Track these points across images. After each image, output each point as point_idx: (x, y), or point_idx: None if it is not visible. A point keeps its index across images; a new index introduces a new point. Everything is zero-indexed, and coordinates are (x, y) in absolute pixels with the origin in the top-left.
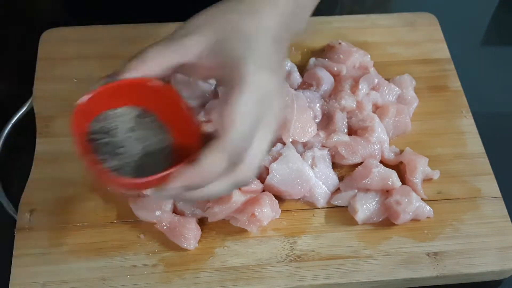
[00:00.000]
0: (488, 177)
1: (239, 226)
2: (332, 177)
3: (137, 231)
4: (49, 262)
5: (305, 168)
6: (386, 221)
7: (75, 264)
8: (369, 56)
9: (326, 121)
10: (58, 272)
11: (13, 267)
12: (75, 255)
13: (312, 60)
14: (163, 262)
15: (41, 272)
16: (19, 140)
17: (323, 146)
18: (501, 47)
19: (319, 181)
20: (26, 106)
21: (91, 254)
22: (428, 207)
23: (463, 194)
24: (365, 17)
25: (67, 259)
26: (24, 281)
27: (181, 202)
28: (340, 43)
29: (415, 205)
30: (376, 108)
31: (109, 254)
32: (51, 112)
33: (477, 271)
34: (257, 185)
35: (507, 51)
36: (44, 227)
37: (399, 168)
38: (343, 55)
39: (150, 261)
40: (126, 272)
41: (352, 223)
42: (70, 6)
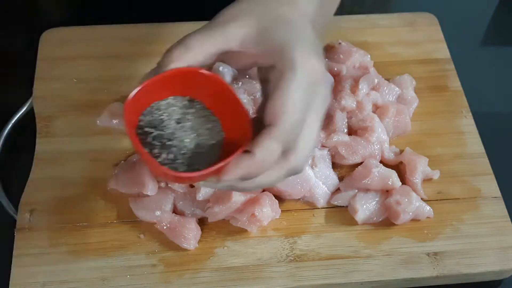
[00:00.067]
0: (488, 177)
1: (239, 226)
2: (332, 177)
3: (137, 231)
4: (49, 262)
5: (305, 168)
6: (386, 221)
7: (75, 264)
8: (369, 56)
9: (326, 121)
10: (58, 272)
11: (13, 267)
12: (75, 255)
13: None
14: (163, 262)
15: (41, 272)
16: (19, 140)
17: (323, 146)
18: (501, 47)
19: (319, 181)
20: (26, 106)
21: (91, 254)
22: (428, 207)
23: (463, 194)
24: (365, 17)
25: (67, 259)
26: (24, 281)
27: (181, 202)
28: (340, 43)
29: (415, 205)
30: (376, 108)
31: (109, 254)
32: (51, 112)
33: (477, 271)
34: None
35: (507, 51)
36: (44, 227)
37: (399, 168)
38: (343, 55)
39: (150, 261)
40: (126, 272)
41: (352, 223)
42: (70, 6)
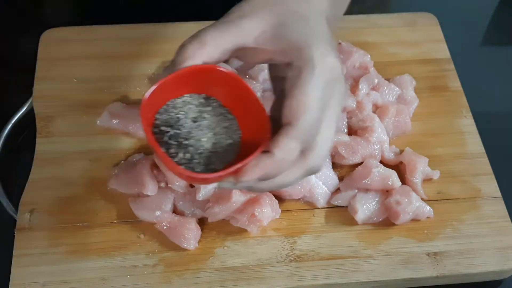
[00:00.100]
0: (488, 177)
1: (239, 226)
2: (332, 177)
3: (137, 231)
4: (49, 262)
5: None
6: (386, 221)
7: (75, 264)
8: (369, 56)
9: None
10: (58, 272)
11: (13, 267)
12: (75, 255)
13: None
14: (163, 262)
15: (41, 272)
16: (19, 140)
17: None
18: (501, 47)
19: (319, 181)
20: (26, 106)
21: (91, 254)
22: (428, 207)
23: (463, 194)
24: (365, 17)
25: (67, 259)
26: (24, 281)
27: (181, 202)
28: (340, 43)
29: (415, 205)
30: (376, 108)
31: (109, 254)
32: (51, 112)
33: (477, 271)
34: None
35: (507, 51)
36: (44, 227)
37: (399, 168)
38: (343, 55)
39: (150, 261)
40: (126, 272)
41: (352, 223)
42: (70, 6)
